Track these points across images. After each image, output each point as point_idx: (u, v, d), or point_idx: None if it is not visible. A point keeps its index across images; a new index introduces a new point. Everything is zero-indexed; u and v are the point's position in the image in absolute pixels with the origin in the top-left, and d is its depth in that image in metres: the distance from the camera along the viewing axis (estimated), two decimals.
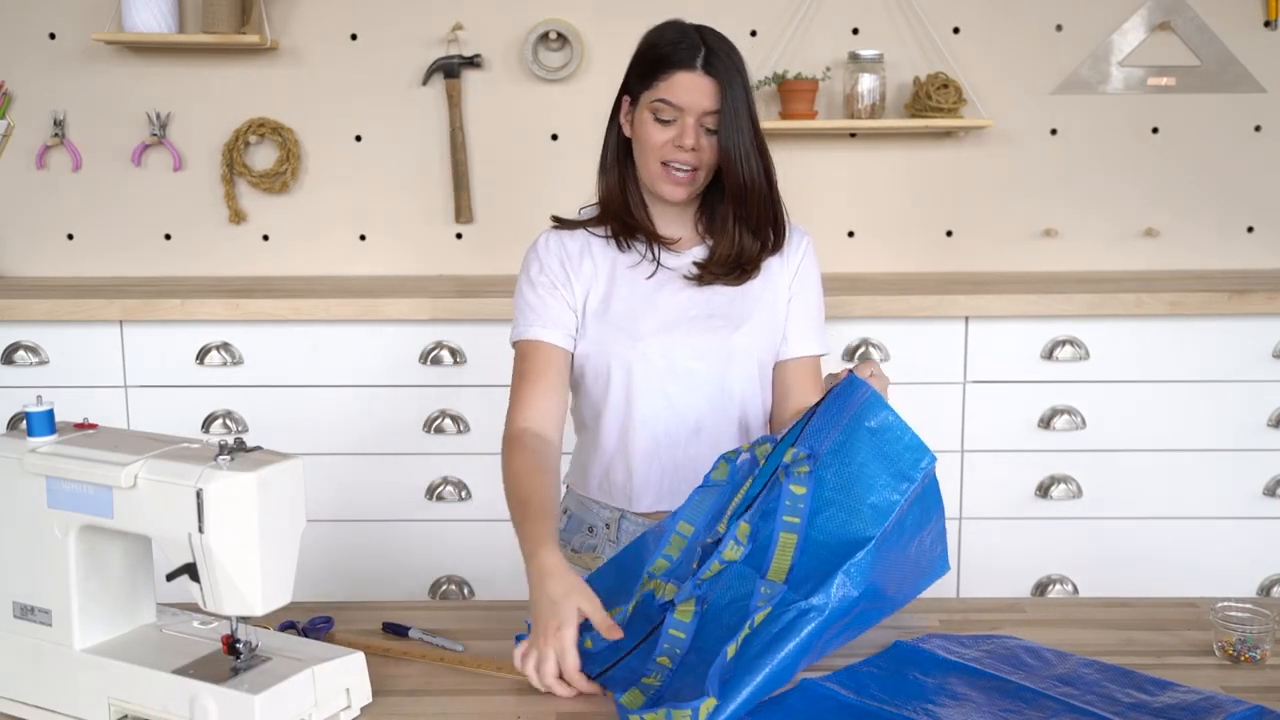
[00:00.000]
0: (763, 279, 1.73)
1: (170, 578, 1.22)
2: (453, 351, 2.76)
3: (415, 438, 2.79)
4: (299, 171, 3.21)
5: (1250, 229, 3.22)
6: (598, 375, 1.71)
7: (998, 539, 2.82)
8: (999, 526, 2.82)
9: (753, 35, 3.14)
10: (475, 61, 3.15)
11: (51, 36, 3.15)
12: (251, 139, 3.17)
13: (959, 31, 3.15)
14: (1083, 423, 2.78)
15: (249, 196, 3.22)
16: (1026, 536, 2.82)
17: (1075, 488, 2.80)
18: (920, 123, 3.03)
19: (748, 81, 1.64)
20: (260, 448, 1.24)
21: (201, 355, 2.76)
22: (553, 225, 1.77)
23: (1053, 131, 3.20)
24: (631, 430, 1.70)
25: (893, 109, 3.15)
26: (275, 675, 1.20)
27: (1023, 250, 3.23)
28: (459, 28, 3.13)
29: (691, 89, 1.61)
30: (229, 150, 3.17)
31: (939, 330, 2.76)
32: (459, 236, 3.23)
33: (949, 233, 3.23)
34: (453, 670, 1.38)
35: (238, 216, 3.20)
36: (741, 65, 1.64)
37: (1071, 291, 2.74)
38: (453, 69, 3.14)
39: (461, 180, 3.18)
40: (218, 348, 2.76)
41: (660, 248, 1.72)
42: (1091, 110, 3.18)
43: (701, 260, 1.72)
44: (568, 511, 1.81)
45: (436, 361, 2.77)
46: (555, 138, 3.20)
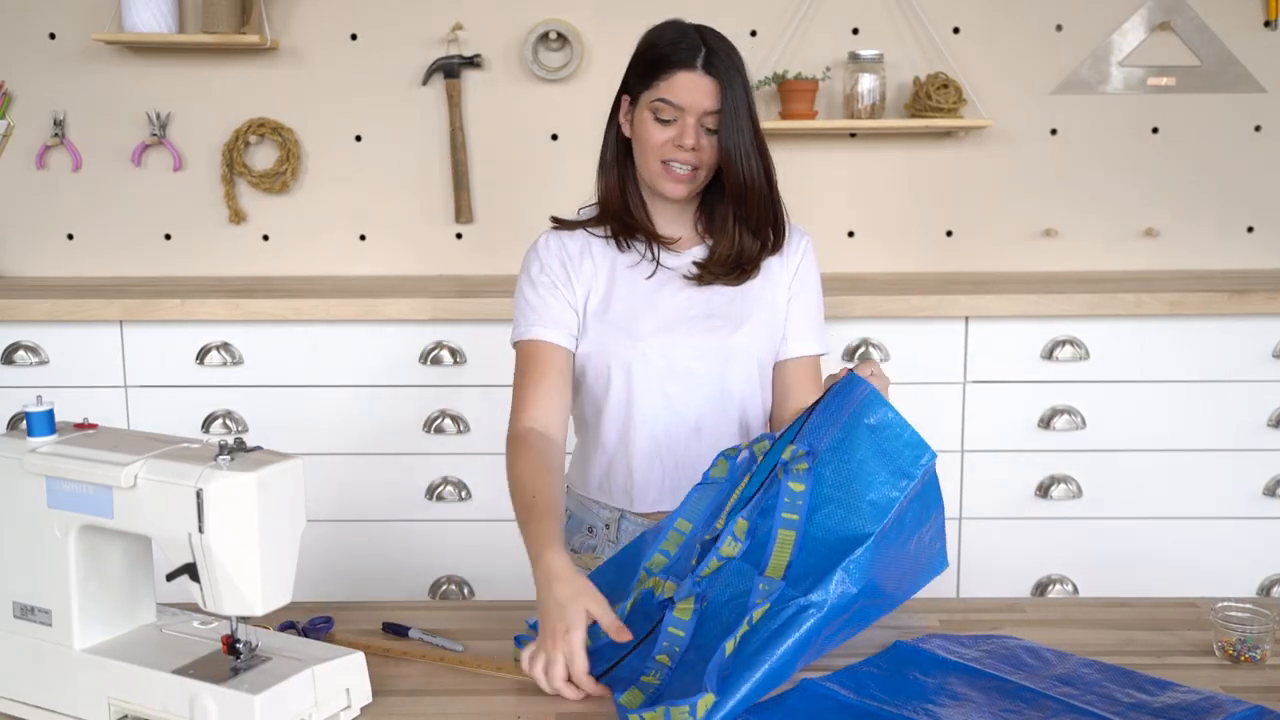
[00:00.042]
0: (762, 279, 1.73)
1: (170, 578, 1.22)
2: (453, 351, 2.76)
3: (415, 438, 2.79)
4: (299, 171, 3.21)
5: (1250, 229, 3.22)
6: (598, 375, 1.71)
7: (998, 539, 2.82)
8: (999, 526, 2.82)
9: (753, 35, 3.14)
10: (475, 61, 3.15)
11: (51, 36, 3.15)
12: (251, 139, 3.17)
13: (959, 31, 3.15)
14: (1083, 423, 2.78)
15: (249, 196, 3.22)
16: (1026, 536, 2.82)
17: (1075, 488, 2.80)
18: (920, 123, 3.03)
19: (747, 81, 1.64)
20: (260, 448, 1.24)
21: (201, 355, 2.76)
22: (552, 226, 1.77)
23: (1053, 131, 3.20)
24: (632, 430, 1.70)
25: (893, 109, 3.15)
26: (275, 675, 1.20)
27: (1023, 250, 3.23)
28: (459, 28, 3.13)
29: (692, 88, 1.61)
30: (229, 150, 3.17)
31: (939, 330, 2.76)
32: (459, 236, 3.23)
33: (949, 233, 3.23)
34: (453, 670, 1.38)
35: (238, 216, 3.20)
36: (741, 65, 1.64)
37: (1071, 291, 2.74)
38: (453, 69, 3.14)
39: (461, 180, 3.18)
40: (218, 348, 2.76)
41: (660, 247, 1.72)
42: (1091, 110, 3.18)
43: (701, 260, 1.72)
44: (568, 511, 1.81)
45: (436, 361, 2.77)
46: (555, 138, 3.20)
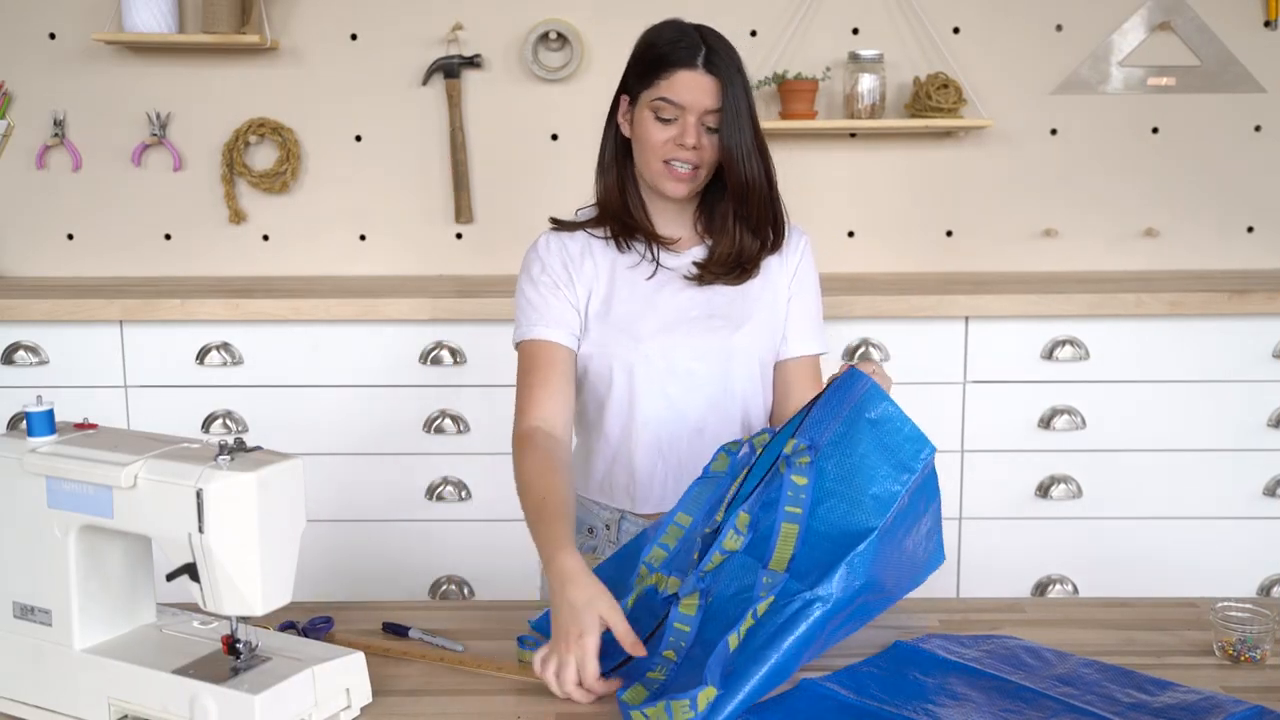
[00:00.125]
0: (762, 279, 1.73)
1: (170, 578, 1.22)
2: (453, 351, 2.76)
3: (415, 438, 2.79)
4: (299, 171, 3.21)
5: (1250, 229, 3.22)
6: (599, 376, 1.71)
7: (998, 539, 2.82)
8: (999, 526, 2.82)
9: (753, 35, 3.14)
10: (475, 61, 3.15)
11: (51, 36, 3.15)
12: (251, 139, 3.17)
13: (959, 31, 3.15)
14: (1083, 423, 2.78)
15: (249, 196, 3.22)
16: (1026, 536, 2.82)
17: (1075, 488, 2.80)
18: (920, 123, 3.03)
19: (747, 80, 1.64)
20: (260, 448, 1.24)
21: (201, 355, 2.76)
22: (551, 227, 1.77)
23: (1053, 131, 3.20)
24: (633, 431, 1.70)
25: (893, 109, 3.15)
26: (275, 675, 1.20)
27: (1023, 250, 3.23)
28: (459, 28, 3.13)
29: (693, 87, 1.60)
30: (229, 150, 3.17)
31: (939, 330, 2.76)
32: (459, 236, 3.23)
33: (949, 233, 3.23)
34: (453, 670, 1.38)
35: (238, 216, 3.20)
36: (741, 64, 1.64)
37: (1071, 291, 2.74)
38: (453, 69, 3.14)
39: (461, 180, 3.18)
40: (218, 348, 2.76)
41: (660, 248, 1.72)
42: (1091, 110, 3.18)
43: (701, 260, 1.72)
44: None
45: (436, 361, 2.77)
46: (555, 138, 3.20)
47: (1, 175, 3.21)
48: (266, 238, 3.23)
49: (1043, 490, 2.81)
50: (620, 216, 1.71)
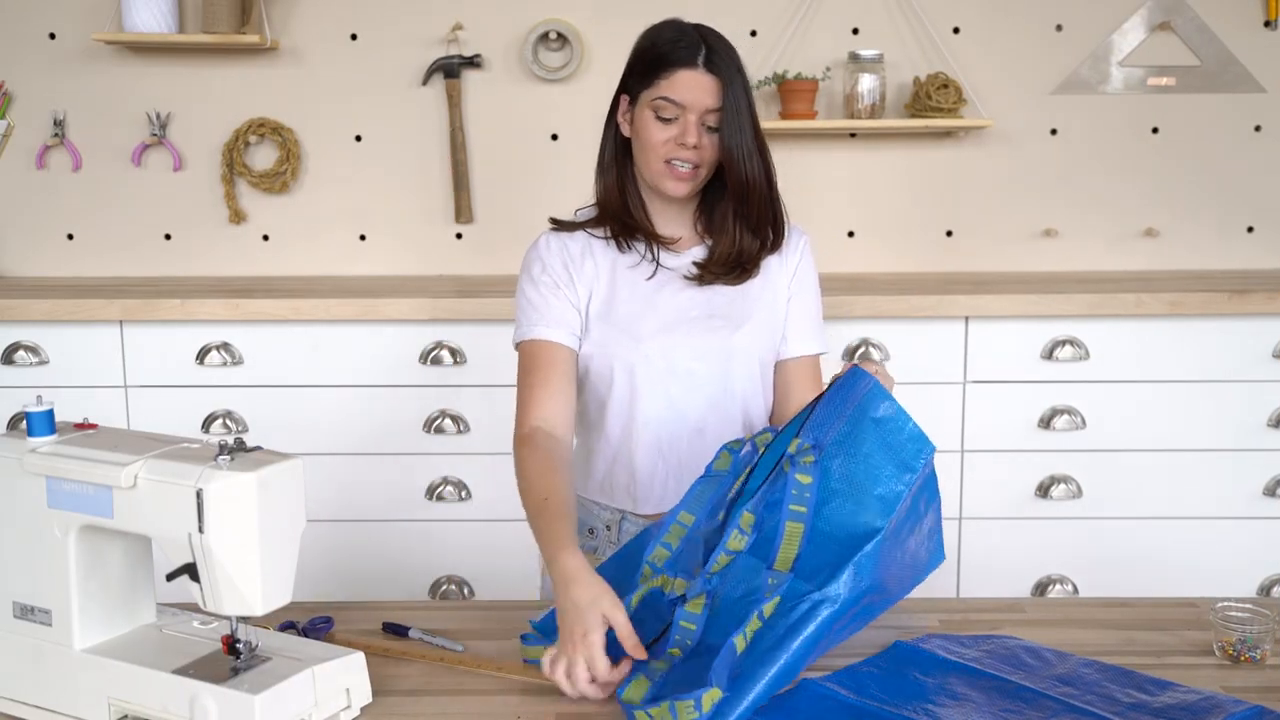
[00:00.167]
0: (762, 279, 1.73)
1: (170, 578, 1.22)
2: (453, 351, 2.76)
3: (415, 438, 2.79)
4: (299, 171, 3.21)
5: (1250, 229, 3.22)
6: (600, 377, 1.71)
7: (998, 539, 2.82)
8: (999, 526, 2.82)
9: (753, 35, 3.14)
10: (475, 61, 3.15)
11: (51, 36, 3.15)
12: (251, 139, 3.17)
13: (959, 31, 3.15)
14: (1083, 423, 2.78)
15: (249, 196, 3.22)
16: (1026, 536, 2.82)
17: (1075, 488, 2.80)
18: (920, 123, 3.03)
19: (747, 80, 1.64)
20: (260, 448, 1.24)
21: (201, 355, 2.76)
22: (551, 227, 1.77)
23: (1053, 131, 3.20)
24: (635, 431, 1.70)
25: (893, 109, 3.15)
26: (275, 675, 1.20)
27: (1023, 250, 3.23)
28: (459, 28, 3.13)
29: (694, 86, 1.61)
30: (229, 150, 3.17)
31: (939, 330, 2.76)
32: (459, 236, 3.23)
33: (949, 233, 3.23)
34: (453, 670, 1.38)
35: (238, 216, 3.20)
36: (740, 64, 1.64)
37: (1071, 291, 2.74)
38: (453, 69, 3.14)
39: (461, 180, 3.18)
40: (218, 348, 2.76)
41: (660, 248, 1.72)
42: (1091, 110, 3.18)
43: (701, 260, 1.72)
44: None
45: (436, 361, 2.77)
46: (555, 138, 3.20)
47: (1, 175, 3.21)
48: (266, 238, 3.23)
49: (1043, 490, 2.81)
50: (620, 216, 1.71)
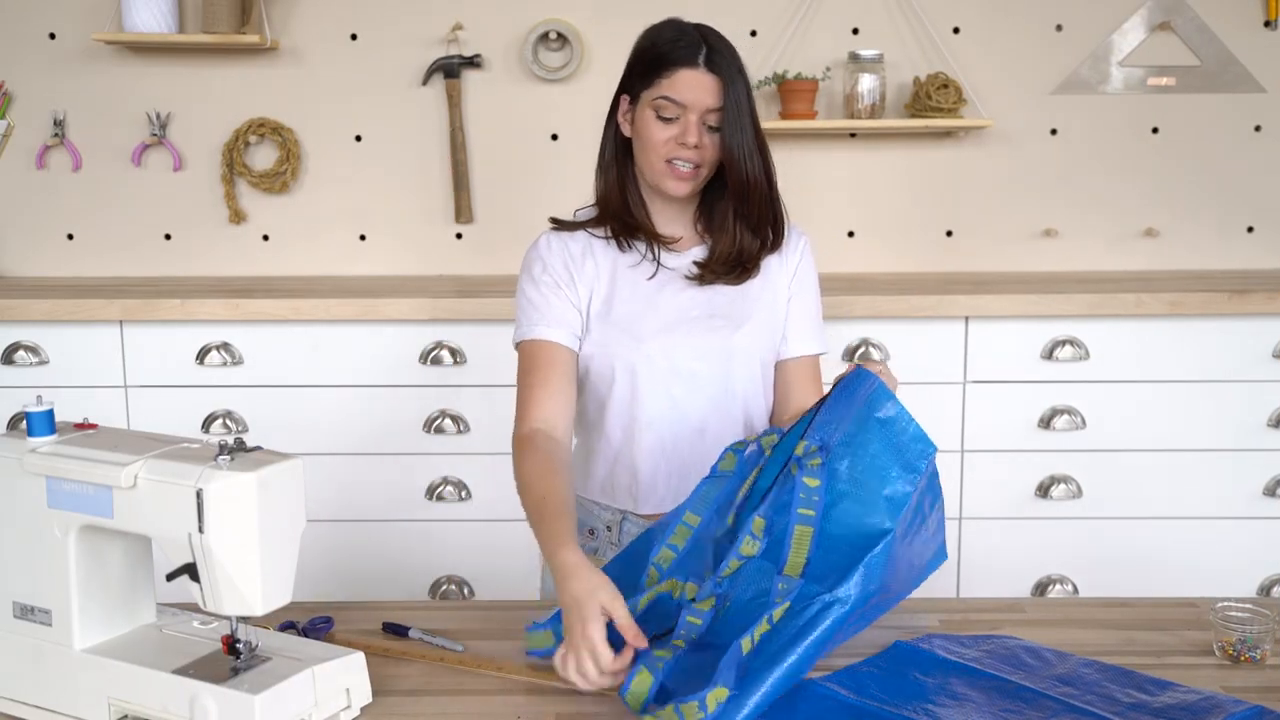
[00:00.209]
0: (762, 279, 1.73)
1: (170, 578, 1.22)
2: (453, 351, 2.76)
3: (415, 438, 2.79)
4: (299, 171, 3.21)
5: (1250, 229, 3.22)
6: (601, 376, 1.71)
7: (998, 539, 2.82)
8: (999, 526, 2.82)
9: (753, 35, 3.14)
10: (475, 61, 3.15)
11: (51, 36, 3.15)
12: (251, 139, 3.17)
13: (959, 31, 3.15)
14: (1083, 423, 2.78)
15: (249, 196, 3.22)
16: (1026, 536, 2.82)
17: (1075, 488, 2.80)
18: (920, 123, 3.03)
19: (748, 79, 1.64)
20: (260, 448, 1.24)
21: (201, 355, 2.76)
22: (551, 227, 1.77)
23: (1053, 131, 3.20)
24: (636, 432, 1.70)
25: (893, 109, 3.15)
26: (275, 675, 1.20)
27: (1023, 250, 3.23)
28: (459, 28, 3.13)
29: (695, 86, 1.61)
30: (229, 150, 3.17)
31: (939, 330, 2.76)
32: (459, 236, 3.23)
33: (949, 233, 3.23)
34: (453, 670, 1.38)
35: (238, 216, 3.20)
36: (741, 63, 1.64)
37: (1071, 291, 2.74)
38: (453, 69, 3.14)
39: (461, 180, 3.18)
40: (218, 348, 2.76)
41: (660, 248, 1.72)
42: (1091, 110, 3.18)
43: (702, 260, 1.72)
44: None
45: (436, 361, 2.77)
46: (555, 138, 3.20)
47: (1, 175, 3.21)
48: (266, 238, 3.23)
49: (1043, 490, 2.80)
50: (621, 216, 1.71)
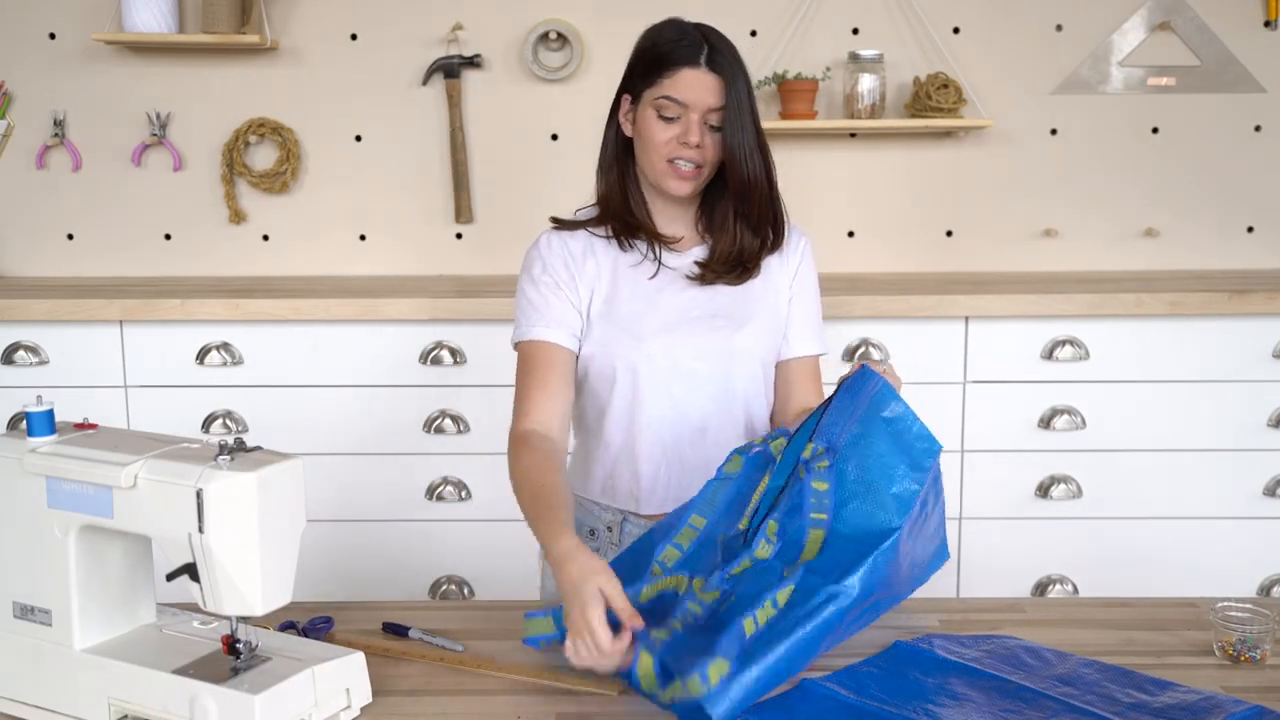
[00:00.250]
0: (763, 279, 1.73)
1: (170, 578, 1.22)
2: (453, 351, 2.76)
3: (415, 438, 2.79)
4: (299, 171, 3.21)
5: (1250, 229, 3.22)
6: (602, 376, 1.70)
7: (998, 539, 2.82)
8: (999, 526, 2.82)
9: (753, 35, 3.14)
10: (475, 61, 3.15)
11: (51, 36, 3.15)
12: (251, 139, 3.17)
13: (959, 31, 3.15)
14: (1083, 423, 2.78)
15: (249, 196, 3.22)
16: (1026, 536, 2.82)
17: (1075, 488, 2.80)
18: (920, 123, 3.03)
19: (749, 79, 1.64)
20: (260, 448, 1.24)
21: (201, 355, 2.76)
22: (552, 226, 1.77)
23: (1053, 131, 3.20)
24: (638, 432, 1.70)
25: (893, 109, 3.15)
26: (275, 675, 1.20)
27: (1023, 250, 3.23)
28: (459, 28, 3.13)
29: (696, 85, 1.61)
30: (229, 150, 3.17)
31: (939, 330, 2.76)
32: (459, 236, 3.23)
33: (949, 233, 3.23)
34: (453, 670, 1.38)
35: (238, 216, 3.20)
36: (742, 63, 1.64)
37: (1071, 291, 2.74)
38: (453, 69, 3.14)
39: (461, 180, 3.18)
40: (218, 348, 2.76)
41: (661, 247, 1.72)
42: (1091, 110, 3.18)
43: (702, 259, 1.72)
44: None
45: (436, 361, 2.77)
46: (555, 138, 3.20)
47: (1, 175, 3.21)
48: (266, 238, 3.23)
49: (1043, 490, 2.80)
50: (622, 215, 1.71)
